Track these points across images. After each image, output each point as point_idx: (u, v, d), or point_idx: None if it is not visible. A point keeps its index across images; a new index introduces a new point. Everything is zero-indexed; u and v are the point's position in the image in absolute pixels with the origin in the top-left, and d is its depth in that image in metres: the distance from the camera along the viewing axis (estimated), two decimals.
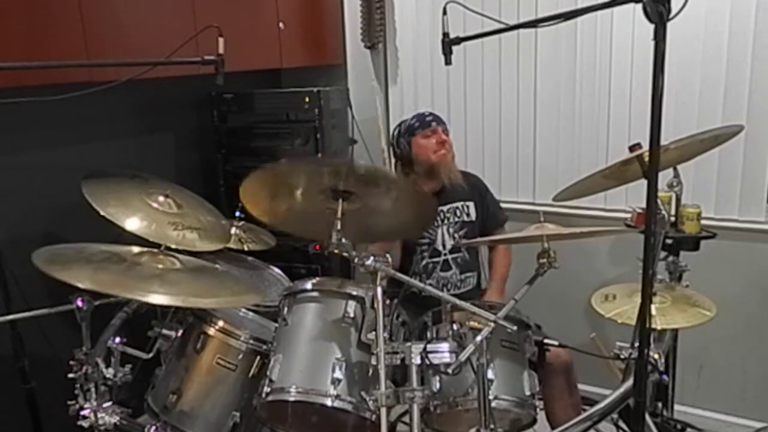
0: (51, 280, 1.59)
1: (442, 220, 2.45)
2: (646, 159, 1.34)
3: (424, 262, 2.42)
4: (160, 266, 1.82)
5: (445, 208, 2.47)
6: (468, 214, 2.48)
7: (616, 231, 2.46)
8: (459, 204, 2.50)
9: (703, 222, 2.32)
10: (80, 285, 1.60)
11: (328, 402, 1.64)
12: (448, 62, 1.75)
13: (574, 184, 1.94)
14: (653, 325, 1.79)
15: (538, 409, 1.82)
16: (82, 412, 1.76)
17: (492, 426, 1.62)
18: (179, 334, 1.90)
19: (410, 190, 1.93)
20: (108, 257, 1.81)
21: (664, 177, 2.26)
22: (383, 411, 1.52)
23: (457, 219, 2.46)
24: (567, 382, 2.19)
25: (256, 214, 1.92)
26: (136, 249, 1.88)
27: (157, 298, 1.67)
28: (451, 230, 2.45)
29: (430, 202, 1.94)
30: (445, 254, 2.44)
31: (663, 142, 1.33)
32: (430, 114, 2.52)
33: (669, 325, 2.01)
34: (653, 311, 1.80)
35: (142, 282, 1.71)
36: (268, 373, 1.72)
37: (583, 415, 1.86)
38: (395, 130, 2.55)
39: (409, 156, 2.48)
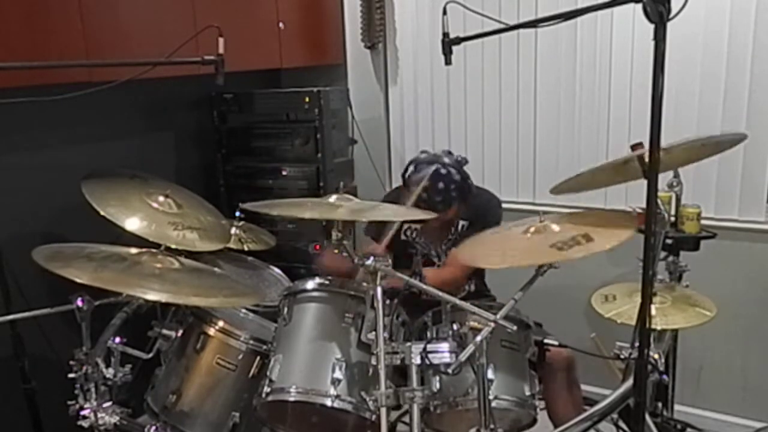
0: (51, 280, 1.59)
1: None
2: (646, 159, 1.35)
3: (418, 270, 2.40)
4: (160, 266, 1.82)
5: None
6: (461, 234, 2.43)
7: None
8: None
9: (703, 222, 2.32)
10: (80, 281, 1.60)
11: (328, 402, 1.64)
12: (448, 62, 1.75)
13: (573, 178, 1.92)
14: (653, 325, 1.79)
15: (538, 409, 1.82)
16: (82, 412, 1.76)
17: (492, 426, 1.62)
18: (179, 334, 1.90)
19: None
20: (108, 256, 1.81)
21: (664, 177, 2.25)
22: (383, 411, 1.52)
23: (451, 236, 2.43)
24: (568, 380, 2.18)
25: None
26: (135, 250, 1.88)
27: (158, 296, 1.67)
28: (444, 247, 2.42)
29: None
30: (439, 265, 2.42)
31: (664, 143, 1.33)
32: (433, 200, 2.22)
33: (669, 325, 2.02)
34: (653, 311, 1.80)
35: (142, 280, 1.71)
36: (268, 373, 1.72)
37: (584, 415, 1.86)
38: (409, 166, 2.35)
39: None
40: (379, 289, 1.59)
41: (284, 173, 2.95)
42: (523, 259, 1.77)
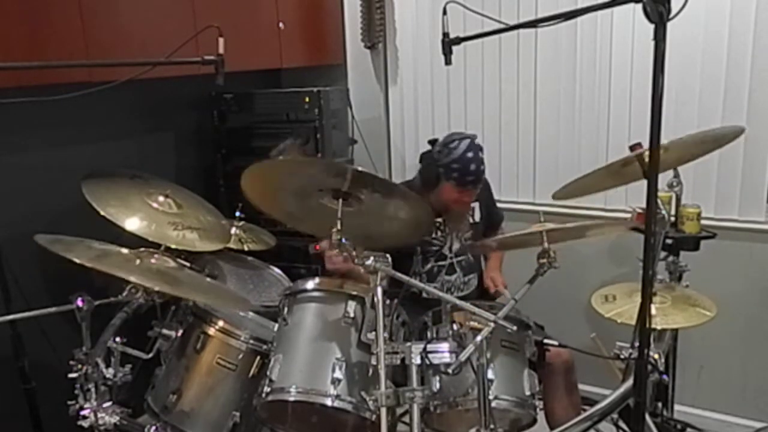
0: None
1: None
2: (646, 159, 1.35)
3: (429, 266, 2.39)
4: (155, 261, 1.83)
5: None
6: (473, 216, 2.46)
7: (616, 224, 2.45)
8: None
9: (703, 222, 2.32)
10: (80, 261, 1.62)
11: (328, 402, 1.64)
12: (448, 62, 1.74)
13: (574, 182, 1.93)
14: (653, 325, 1.79)
15: (538, 409, 1.82)
16: (82, 412, 1.75)
17: (492, 426, 1.62)
18: (179, 334, 1.90)
19: (410, 198, 1.82)
20: (109, 249, 1.83)
21: (664, 177, 2.26)
22: (383, 411, 1.52)
23: (472, 222, 2.44)
24: (567, 382, 2.19)
25: (258, 204, 1.89)
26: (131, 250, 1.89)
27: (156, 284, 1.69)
28: (459, 234, 2.43)
29: (428, 212, 1.88)
30: (450, 258, 2.42)
31: (662, 141, 1.33)
32: (474, 174, 2.25)
33: (669, 325, 2.01)
34: (653, 311, 1.80)
35: (141, 271, 1.72)
36: (268, 373, 1.72)
37: (583, 415, 1.86)
38: (436, 149, 2.30)
39: (434, 184, 2.30)
40: (379, 289, 1.59)
41: None
42: None
